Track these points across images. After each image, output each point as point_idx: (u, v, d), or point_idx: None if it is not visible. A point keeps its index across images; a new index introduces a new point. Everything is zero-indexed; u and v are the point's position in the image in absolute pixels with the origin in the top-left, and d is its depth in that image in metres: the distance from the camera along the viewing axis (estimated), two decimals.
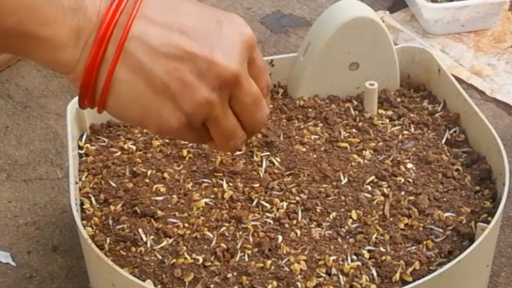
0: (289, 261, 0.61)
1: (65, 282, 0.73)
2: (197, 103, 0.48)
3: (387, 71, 0.80)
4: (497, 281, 0.72)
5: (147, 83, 0.47)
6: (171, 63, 0.47)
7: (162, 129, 0.50)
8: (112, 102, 0.48)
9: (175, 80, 0.48)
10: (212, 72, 0.48)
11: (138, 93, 0.48)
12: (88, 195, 0.68)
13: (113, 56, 0.46)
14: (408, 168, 0.70)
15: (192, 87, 0.48)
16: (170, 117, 0.49)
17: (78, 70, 0.47)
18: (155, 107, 0.48)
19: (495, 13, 1.11)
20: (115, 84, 0.47)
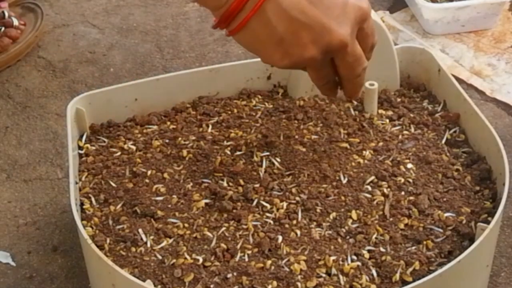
0: (289, 261, 0.61)
1: (65, 282, 0.73)
2: (303, 58, 0.61)
3: (387, 71, 0.80)
4: (497, 281, 0.72)
5: (269, 35, 0.60)
6: (293, 25, 0.60)
7: (270, 62, 0.64)
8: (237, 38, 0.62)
9: (293, 37, 0.60)
10: (325, 39, 0.60)
11: (259, 39, 0.61)
12: (88, 195, 0.68)
13: (250, 9, 0.59)
14: (408, 168, 0.70)
15: (305, 47, 0.60)
16: (277, 61, 0.62)
17: (225, 7, 0.60)
18: (268, 51, 0.62)
19: (495, 13, 1.11)
20: (245, 29, 0.61)
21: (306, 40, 0.60)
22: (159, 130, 0.76)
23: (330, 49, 0.61)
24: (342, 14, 0.61)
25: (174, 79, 0.79)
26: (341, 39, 0.61)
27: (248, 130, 0.75)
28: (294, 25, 0.60)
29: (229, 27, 0.62)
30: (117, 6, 1.22)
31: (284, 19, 0.59)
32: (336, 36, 0.60)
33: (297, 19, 0.59)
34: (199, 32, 1.14)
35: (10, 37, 1.08)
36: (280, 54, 0.61)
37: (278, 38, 0.60)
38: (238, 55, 1.08)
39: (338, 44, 0.61)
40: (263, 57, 0.63)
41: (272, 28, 0.60)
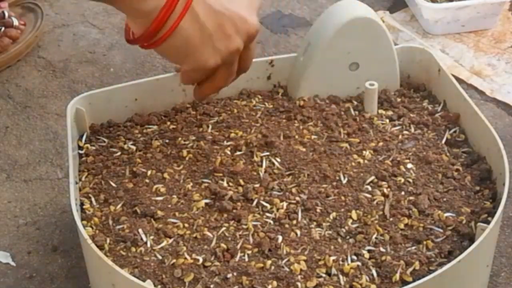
0: (289, 261, 0.61)
1: (65, 282, 0.73)
2: (231, 50, 0.65)
3: (387, 71, 0.80)
4: (497, 281, 0.72)
5: (199, 32, 0.62)
6: (218, 19, 0.63)
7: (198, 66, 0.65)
8: (167, 43, 0.62)
9: (219, 32, 0.63)
10: (245, 28, 0.64)
11: (190, 38, 0.62)
12: (88, 195, 0.68)
13: (181, 8, 0.61)
14: (408, 168, 0.70)
15: (230, 38, 0.64)
16: (209, 59, 0.64)
17: (151, 16, 0.61)
18: (198, 51, 0.63)
19: (495, 13, 1.11)
20: (177, 30, 0.62)
21: (231, 31, 0.64)
22: (159, 130, 0.76)
23: (249, 37, 0.65)
24: (249, 5, 0.66)
25: (174, 79, 0.79)
26: (256, 26, 0.66)
27: (248, 130, 0.75)
28: (219, 19, 0.63)
29: (157, 35, 0.62)
30: None
31: (210, 14, 0.62)
32: (252, 24, 0.65)
33: (220, 12, 0.63)
34: None
35: (10, 37, 1.08)
36: (210, 51, 0.64)
37: (207, 34, 0.63)
38: None
39: (254, 31, 0.66)
40: (193, 59, 0.64)
41: (201, 25, 0.62)
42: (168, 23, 0.61)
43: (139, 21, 0.62)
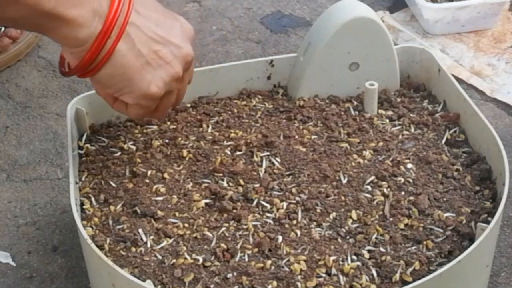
0: (289, 261, 0.61)
1: (65, 282, 0.73)
2: (172, 77, 0.64)
3: (387, 71, 0.80)
4: (497, 281, 0.72)
5: (136, 59, 0.62)
6: (154, 45, 0.63)
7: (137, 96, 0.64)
8: (104, 70, 0.62)
9: (157, 59, 0.63)
10: (182, 55, 0.64)
11: (127, 65, 0.62)
12: (88, 195, 0.68)
13: (116, 35, 0.60)
14: (408, 168, 0.70)
15: (170, 65, 0.64)
16: (150, 86, 0.63)
17: (86, 45, 0.60)
18: (137, 78, 0.63)
19: (495, 13, 1.11)
20: (113, 57, 0.61)
21: (169, 58, 0.64)
22: (159, 130, 0.76)
23: (187, 64, 0.65)
24: (182, 33, 0.65)
25: None
26: (191, 54, 0.66)
27: (248, 130, 0.75)
28: (154, 45, 0.63)
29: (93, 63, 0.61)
30: None
31: (144, 40, 0.62)
32: (187, 52, 0.65)
33: (154, 39, 0.63)
34: (199, 32, 1.14)
35: (10, 37, 1.08)
36: (151, 78, 0.63)
37: (144, 61, 0.62)
38: (238, 55, 1.08)
39: (191, 59, 0.66)
40: (134, 88, 0.63)
41: (137, 52, 0.62)
42: (104, 50, 0.60)
43: (75, 50, 0.61)
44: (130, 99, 0.64)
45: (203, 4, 1.22)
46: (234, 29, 1.15)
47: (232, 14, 1.19)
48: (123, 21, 0.60)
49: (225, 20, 1.17)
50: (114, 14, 0.60)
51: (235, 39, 1.12)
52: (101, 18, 0.60)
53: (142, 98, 0.64)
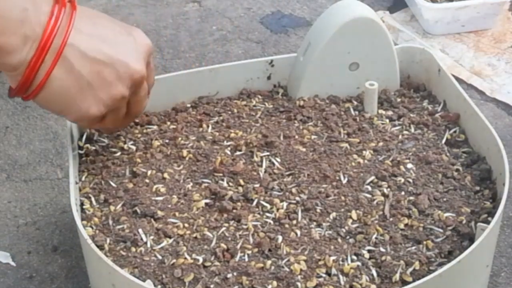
0: (289, 261, 0.61)
1: (65, 282, 0.73)
2: (114, 97, 0.62)
3: (387, 71, 0.80)
4: (497, 281, 0.72)
5: (76, 81, 0.60)
6: (96, 66, 0.60)
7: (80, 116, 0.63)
8: (43, 94, 0.60)
9: (98, 79, 0.61)
10: (127, 74, 0.62)
11: (66, 88, 0.60)
12: (88, 195, 0.68)
13: (52, 59, 0.58)
14: (408, 168, 0.70)
15: (112, 85, 0.62)
16: (90, 108, 0.62)
17: (20, 70, 0.58)
18: (78, 100, 0.61)
19: (495, 13, 1.11)
20: (50, 81, 0.59)
21: (111, 78, 0.61)
22: (159, 130, 0.76)
23: (134, 83, 0.63)
24: (135, 49, 0.63)
25: (174, 79, 0.79)
26: (140, 72, 0.63)
27: (248, 130, 0.75)
28: (96, 66, 0.60)
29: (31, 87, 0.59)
30: (117, 6, 1.22)
31: (85, 62, 0.60)
32: (136, 70, 0.63)
33: (97, 59, 0.60)
34: (199, 32, 1.14)
35: None
36: (92, 100, 0.61)
37: (85, 83, 0.60)
38: (238, 55, 1.08)
39: (139, 77, 0.63)
40: (74, 109, 0.62)
41: (77, 74, 0.60)
42: (40, 74, 0.58)
43: (11, 74, 0.59)
44: (71, 118, 0.64)
45: (203, 4, 1.22)
46: (234, 29, 1.15)
47: (232, 14, 1.19)
48: (60, 44, 0.58)
49: (225, 20, 1.17)
50: (48, 38, 0.58)
51: (235, 39, 1.12)
52: (34, 43, 0.57)
53: (82, 118, 0.63)
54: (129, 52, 0.62)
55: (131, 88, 0.63)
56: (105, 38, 0.61)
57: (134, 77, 0.63)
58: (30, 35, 0.57)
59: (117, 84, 0.62)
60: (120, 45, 0.62)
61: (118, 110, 0.65)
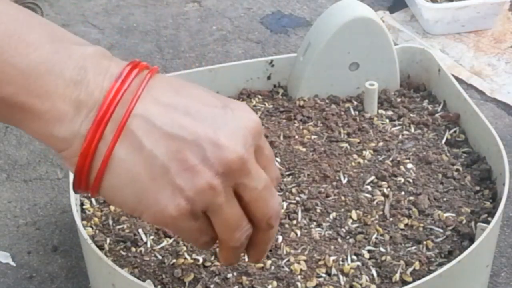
0: (289, 261, 0.61)
1: (65, 282, 0.73)
2: (199, 189, 0.45)
3: (387, 71, 0.80)
4: (497, 281, 0.72)
5: (147, 164, 0.45)
6: (174, 144, 0.45)
7: (159, 217, 0.46)
8: (107, 182, 0.45)
9: (176, 162, 0.45)
10: (216, 155, 0.45)
11: (135, 174, 0.45)
12: (88, 195, 0.68)
13: (113, 134, 0.44)
14: (408, 168, 0.70)
15: (195, 170, 0.45)
16: (168, 204, 0.45)
17: (74, 147, 0.45)
18: (152, 191, 0.45)
19: (495, 13, 1.11)
20: (113, 163, 0.45)
21: (194, 161, 0.45)
22: None
23: (228, 169, 0.45)
24: (230, 125, 0.46)
25: None
26: (236, 152, 0.45)
27: None
28: (174, 144, 0.45)
29: (91, 172, 0.45)
30: (117, 6, 1.22)
31: (159, 138, 0.45)
32: (228, 150, 0.45)
33: (175, 135, 0.45)
34: (199, 32, 1.14)
35: None
36: (170, 191, 0.45)
37: (159, 166, 0.45)
38: (238, 55, 1.08)
39: (235, 159, 0.45)
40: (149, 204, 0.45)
41: (147, 154, 0.44)
42: (99, 153, 0.44)
43: (66, 155, 0.45)
44: (149, 219, 0.47)
45: (203, 4, 1.22)
46: (234, 29, 1.15)
47: (232, 14, 1.19)
48: (122, 114, 0.44)
49: (225, 20, 1.17)
50: (109, 105, 0.44)
51: (235, 39, 1.12)
52: (92, 112, 0.44)
53: (159, 220, 0.46)
54: (222, 127, 0.46)
55: (225, 177, 0.45)
56: (189, 109, 0.46)
57: (228, 159, 0.45)
58: (86, 100, 0.44)
59: (202, 170, 0.45)
60: (210, 119, 0.46)
61: (220, 209, 0.47)
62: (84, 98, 0.44)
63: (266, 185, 0.48)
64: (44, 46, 0.44)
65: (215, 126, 0.45)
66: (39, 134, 0.45)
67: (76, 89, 0.44)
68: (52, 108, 0.44)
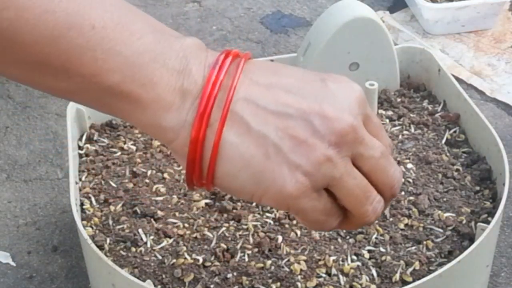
0: (289, 261, 0.61)
1: (65, 282, 0.73)
2: (316, 162, 0.44)
3: (387, 71, 0.80)
4: (497, 281, 0.72)
5: (258, 145, 0.44)
6: (281, 122, 0.44)
7: (279, 197, 0.44)
8: (221, 169, 0.45)
9: (288, 139, 0.44)
10: (326, 126, 0.44)
11: (249, 157, 0.44)
12: (88, 195, 0.68)
13: (219, 119, 0.44)
14: (408, 168, 0.70)
15: (308, 144, 0.44)
16: (286, 182, 0.44)
17: (182, 136, 0.44)
18: (268, 171, 0.44)
19: (495, 13, 1.11)
20: (224, 148, 0.44)
21: (305, 135, 0.44)
22: None
23: (340, 138, 0.44)
24: (333, 96, 0.46)
25: None
26: (345, 121, 0.45)
27: None
28: (281, 121, 0.44)
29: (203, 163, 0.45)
30: None
31: (265, 117, 0.44)
32: (337, 119, 0.45)
33: (281, 112, 0.44)
34: (199, 32, 1.14)
35: None
36: (285, 168, 0.44)
37: (270, 145, 0.44)
38: None
39: (345, 127, 0.44)
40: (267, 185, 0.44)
41: (255, 134, 0.44)
42: (209, 141, 0.44)
43: (174, 146, 0.45)
44: (272, 201, 0.45)
45: (203, 4, 1.22)
46: (234, 29, 1.15)
47: (232, 14, 1.19)
48: (225, 98, 0.44)
49: (225, 20, 1.17)
50: (211, 90, 0.44)
51: (235, 39, 1.12)
52: (196, 100, 0.44)
53: (282, 201, 0.45)
54: (325, 100, 0.45)
55: (340, 148, 0.45)
56: (290, 87, 0.45)
57: (338, 129, 0.44)
58: (190, 89, 0.44)
59: (315, 142, 0.44)
60: (312, 93, 0.45)
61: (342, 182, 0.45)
62: (188, 87, 0.44)
63: (383, 152, 0.47)
64: (147, 36, 0.44)
65: (319, 100, 0.45)
66: (147, 125, 0.45)
67: (179, 78, 0.44)
68: (159, 97, 0.44)
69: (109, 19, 0.43)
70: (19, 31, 0.41)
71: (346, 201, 0.46)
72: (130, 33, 0.43)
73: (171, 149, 0.46)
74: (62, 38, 0.42)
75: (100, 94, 0.44)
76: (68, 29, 0.42)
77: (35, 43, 0.41)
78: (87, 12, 0.42)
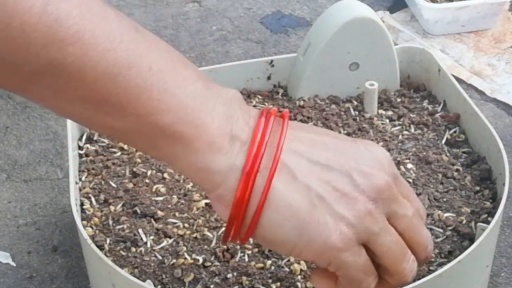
0: (289, 261, 0.61)
1: (65, 282, 0.73)
2: (358, 214, 0.45)
3: (387, 71, 0.80)
4: (497, 281, 0.72)
5: (303, 195, 0.45)
6: (324, 174, 0.46)
7: (321, 250, 0.45)
8: (267, 218, 0.45)
9: (331, 191, 0.46)
10: (366, 182, 0.46)
11: (296, 206, 0.45)
12: (88, 195, 0.68)
13: (269, 167, 0.45)
14: (408, 168, 0.70)
15: (350, 197, 0.46)
16: (331, 233, 0.45)
17: (230, 180, 0.45)
18: (313, 221, 0.45)
19: (495, 13, 1.11)
20: (272, 196, 0.45)
21: (348, 189, 0.46)
22: None
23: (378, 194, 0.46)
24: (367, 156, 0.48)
25: None
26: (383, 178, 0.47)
27: None
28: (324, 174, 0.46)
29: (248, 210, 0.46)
30: (117, 6, 1.21)
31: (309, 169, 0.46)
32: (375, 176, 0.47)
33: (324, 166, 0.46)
34: (199, 32, 1.14)
35: None
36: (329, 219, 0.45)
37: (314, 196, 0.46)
38: (238, 55, 1.08)
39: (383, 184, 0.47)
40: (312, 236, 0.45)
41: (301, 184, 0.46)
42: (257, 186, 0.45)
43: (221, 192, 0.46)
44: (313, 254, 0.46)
45: (203, 4, 1.22)
46: (234, 29, 1.15)
47: (232, 14, 1.19)
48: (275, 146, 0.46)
49: (225, 20, 1.17)
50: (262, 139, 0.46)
51: (235, 39, 1.12)
52: (244, 146, 0.46)
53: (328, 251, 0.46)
54: (361, 158, 0.47)
55: (378, 204, 0.46)
56: (328, 145, 0.48)
57: (377, 185, 0.46)
58: (238, 135, 0.46)
59: (357, 196, 0.46)
60: (348, 152, 0.48)
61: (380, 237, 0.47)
62: (236, 133, 0.46)
63: (414, 212, 0.49)
64: (197, 82, 0.46)
65: (355, 157, 0.47)
66: (196, 168, 0.46)
67: (228, 124, 0.46)
68: (211, 139, 0.45)
69: (164, 63, 0.45)
70: (83, 67, 0.42)
71: (384, 258, 0.47)
72: (183, 78, 0.45)
73: (214, 196, 0.47)
74: (122, 77, 0.43)
75: (153, 134, 0.45)
76: (127, 68, 0.43)
77: (96, 80, 0.42)
78: (144, 55, 0.44)
